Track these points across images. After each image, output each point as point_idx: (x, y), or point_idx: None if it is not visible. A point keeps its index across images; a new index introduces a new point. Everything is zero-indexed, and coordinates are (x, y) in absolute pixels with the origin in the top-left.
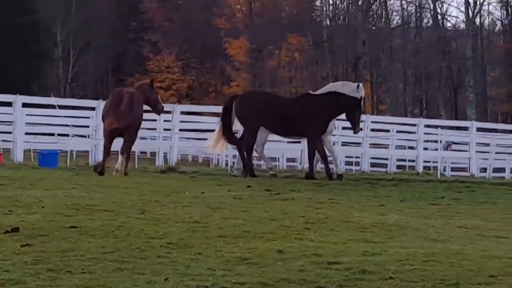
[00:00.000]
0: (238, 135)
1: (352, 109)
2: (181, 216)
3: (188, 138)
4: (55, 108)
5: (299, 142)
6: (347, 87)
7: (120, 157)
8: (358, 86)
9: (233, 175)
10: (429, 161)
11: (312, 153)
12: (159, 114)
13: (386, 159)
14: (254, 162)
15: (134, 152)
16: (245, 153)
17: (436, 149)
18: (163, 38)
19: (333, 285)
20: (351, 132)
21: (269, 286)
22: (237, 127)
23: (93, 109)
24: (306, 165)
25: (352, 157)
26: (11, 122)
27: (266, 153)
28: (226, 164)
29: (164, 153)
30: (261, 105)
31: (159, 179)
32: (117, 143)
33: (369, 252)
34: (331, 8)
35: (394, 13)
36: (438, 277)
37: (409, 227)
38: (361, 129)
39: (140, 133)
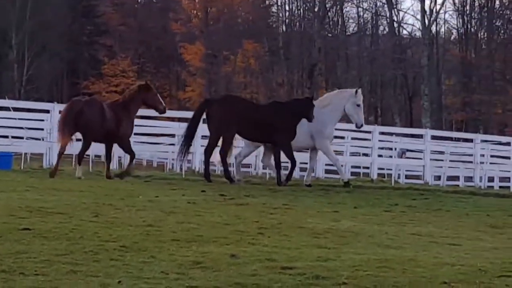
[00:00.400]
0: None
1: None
2: (135, 219)
3: (143, 142)
4: (9, 110)
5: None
6: (343, 94)
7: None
8: (356, 92)
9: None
10: (383, 168)
11: (278, 160)
12: (161, 114)
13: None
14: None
15: (89, 155)
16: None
17: (391, 157)
18: (118, 42)
19: None
20: None
21: None
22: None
23: (47, 111)
24: (261, 171)
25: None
26: None
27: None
28: (181, 169)
29: (119, 157)
30: (237, 110)
31: (113, 183)
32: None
33: (323, 257)
34: (287, 14)
35: (350, 21)
36: (391, 284)
37: (362, 233)
38: None
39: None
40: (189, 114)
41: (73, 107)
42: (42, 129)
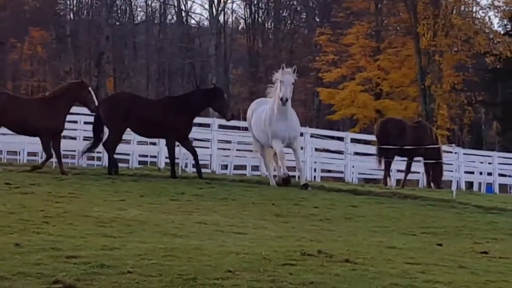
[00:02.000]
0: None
1: (212, 102)
2: None
3: None
4: None
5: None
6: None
7: None
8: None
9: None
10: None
11: (172, 154)
12: (92, 112)
13: (128, 154)
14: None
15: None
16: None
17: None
18: None
19: (70, 279)
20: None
21: (5, 280)
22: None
23: None
24: None
25: (94, 152)
26: None
27: (7, 147)
28: None
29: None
30: (126, 107)
31: None
32: None
33: (108, 246)
34: (75, 2)
35: (139, 9)
36: (176, 272)
37: (148, 222)
38: (233, 115)
39: None
40: None
41: None
42: None
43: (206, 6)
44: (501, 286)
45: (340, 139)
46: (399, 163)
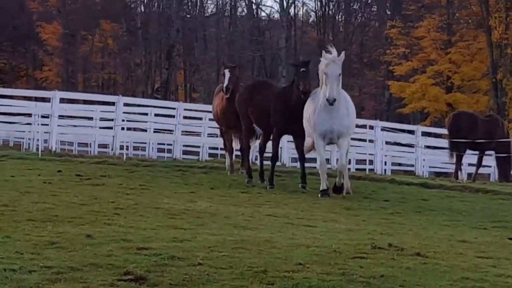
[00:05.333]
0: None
1: None
2: None
3: None
4: None
5: (111, 128)
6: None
7: None
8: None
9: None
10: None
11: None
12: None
13: (198, 147)
14: None
15: None
16: None
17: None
18: None
19: (141, 271)
20: (163, 119)
21: (77, 271)
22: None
23: None
24: (118, 152)
25: (164, 144)
26: None
27: (78, 138)
28: (37, 149)
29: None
30: None
31: None
32: None
33: (178, 238)
34: None
35: (209, 2)
36: (246, 264)
37: (218, 214)
38: None
39: None
40: (45, 94)
41: None
42: None
43: None
44: None
45: (411, 132)
46: (470, 157)
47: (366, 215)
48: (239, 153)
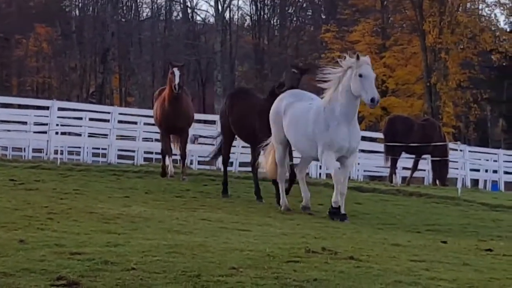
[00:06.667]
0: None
1: None
2: None
3: None
4: None
5: (46, 132)
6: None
7: None
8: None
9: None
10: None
11: None
12: None
13: (133, 151)
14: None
15: None
16: None
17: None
18: None
19: (74, 275)
20: (98, 123)
21: (10, 276)
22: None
23: None
24: (52, 156)
25: (99, 148)
26: None
27: (12, 143)
28: None
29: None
30: None
31: None
32: None
33: (112, 243)
34: None
35: (144, 6)
36: (180, 269)
37: (153, 218)
38: None
39: None
40: None
41: None
42: None
43: (212, 2)
44: (505, 284)
45: None
46: (404, 161)
47: (301, 219)
48: (176, 157)
